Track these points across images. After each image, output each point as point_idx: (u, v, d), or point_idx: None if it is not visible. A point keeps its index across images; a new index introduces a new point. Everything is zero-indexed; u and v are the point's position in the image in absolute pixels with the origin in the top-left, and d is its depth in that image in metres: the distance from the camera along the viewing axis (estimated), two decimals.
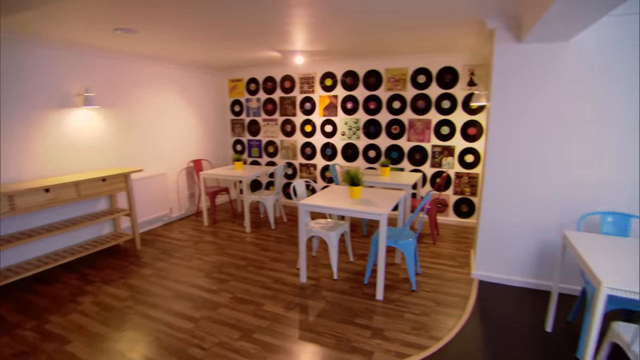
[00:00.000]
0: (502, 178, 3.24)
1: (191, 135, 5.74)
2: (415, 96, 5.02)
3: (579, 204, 3.04)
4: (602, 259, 2.00)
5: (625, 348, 1.80)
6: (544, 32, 2.61)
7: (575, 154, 2.99)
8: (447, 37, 3.76)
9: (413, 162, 5.21)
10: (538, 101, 3.02)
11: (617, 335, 1.89)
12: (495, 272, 3.44)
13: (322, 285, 3.36)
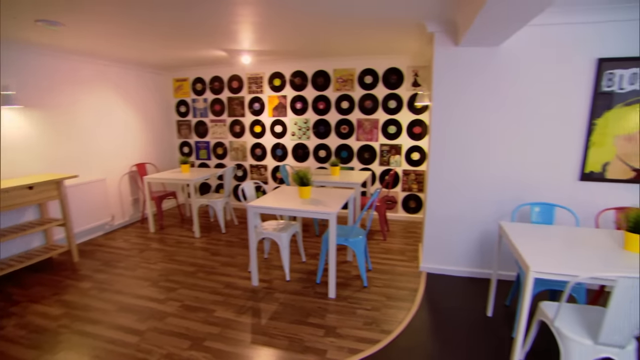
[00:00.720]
0: (444, 174, 3.42)
1: (133, 137, 5.43)
2: (363, 96, 5.13)
3: (513, 197, 3.29)
4: (531, 245, 2.17)
5: (550, 324, 1.97)
6: (476, 38, 2.79)
7: (509, 150, 3.23)
8: (392, 39, 3.89)
9: (362, 161, 5.33)
10: (474, 101, 3.22)
11: (543, 313, 2.07)
12: (442, 264, 3.62)
13: (275, 287, 3.33)
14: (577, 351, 1.82)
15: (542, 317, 2.09)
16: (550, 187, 3.21)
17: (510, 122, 3.18)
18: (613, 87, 2.96)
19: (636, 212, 2.04)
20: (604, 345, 1.77)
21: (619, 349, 1.77)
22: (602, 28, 2.89)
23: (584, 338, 1.81)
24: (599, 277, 1.65)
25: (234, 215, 5.44)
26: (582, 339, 1.80)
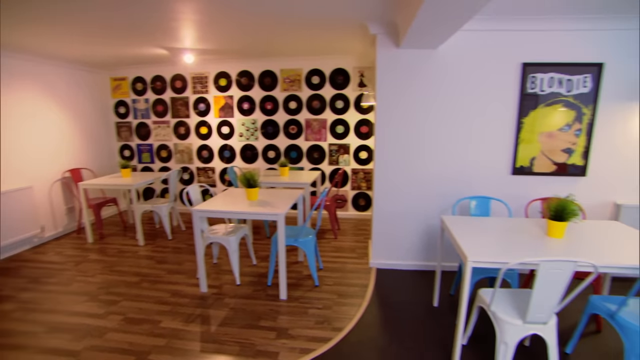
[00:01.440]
0: (389, 173, 3.54)
1: (65, 141, 5.00)
2: (311, 96, 5.17)
3: (454, 192, 3.49)
4: (469, 237, 2.31)
5: (487, 309, 2.11)
6: (415, 40, 2.92)
7: (448, 149, 3.41)
8: (337, 40, 3.95)
9: (312, 160, 5.36)
10: (415, 102, 3.37)
11: (481, 299, 2.21)
12: (390, 259, 3.74)
13: (225, 292, 3.25)
14: (510, 331, 1.97)
15: (481, 303, 2.23)
16: (486, 182, 3.45)
17: (448, 121, 3.37)
18: (536, 89, 3.24)
19: (556, 202, 2.25)
20: (531, 324, 1.94)
21: (542, 325, 1.94)
22: (525, 36, 3.16)
23: (515, 318, 1.96)
24: (526, 262, 1.80)
25: (181, 221, 5.22)
26: (514, 320, 1.95)
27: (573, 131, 3.31)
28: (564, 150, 3.35)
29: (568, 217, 2.21)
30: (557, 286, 1.79)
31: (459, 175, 3.46)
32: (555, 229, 2.27)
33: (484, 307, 2.17)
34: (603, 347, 2.50)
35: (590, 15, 2.99)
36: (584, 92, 3.23)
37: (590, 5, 2.73)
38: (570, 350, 2.45)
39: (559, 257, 1.71)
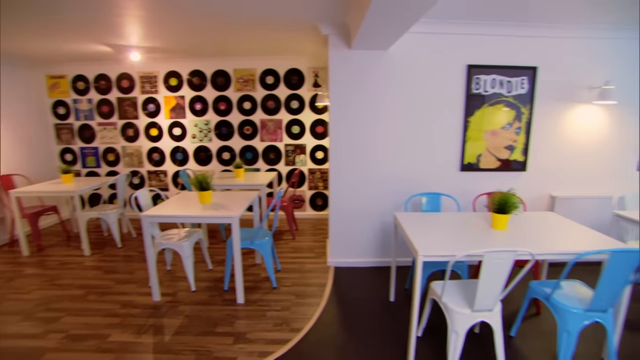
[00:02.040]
0: (344, 172, 3.58)
1: None
2: (265, 97, 5.11)
3: (407, 189, 3.60)
4: (420, 232, 2.39)
5: (438, 300, 2.20)
6: (366, 41, 2.97)
7: (400, 147, 3.52)
8: (290, 40, 3.94)
9: (268, 161, 5.31)
10: (367, 102, 3.43)
11: (434, 292, 2.30)
12: (348, 257, 3.78)
13: (179, 299, 3.12)
14: (460, 320, 2.06)
15: (433, 295, 2.32)
16: (437, 179, 3.59)
17: (399, 121, 3.47)
18: (480, 89, 3.43)
19: (499, 196, 2.39)
20: (478, 312, 2.04)
21: (488, 312, 2.05)
22: (470, 39, 3.34)
23: (464, 308, 2.06)
24: (471, 254, 1.89)
25: (132, 227, 4.96)
26: (463, 309, 2.05)
27: (514, 129, 3.54)
28: (507, 147, 3.57)
29: (510, 209, 2.36)
30: (500, 275, 1.90)
31: (411, 173, 3.58)
32: (499, 221, 2.42)
33: (436, 299, 2.26)
34: (542, 327, 2.70)
35: (525, 22, 3.22)
36: (522, 93, 3.47)
37: (526, 13, 2.93)
38: (514, 333, 2.62)
39: (502, 248, 1.82)
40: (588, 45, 3.46)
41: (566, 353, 2.12)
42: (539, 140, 3.60)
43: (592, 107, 3.62)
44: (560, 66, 3.47)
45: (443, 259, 2.02)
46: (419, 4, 1.97)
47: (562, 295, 2.22)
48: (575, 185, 3.77)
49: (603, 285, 1.96)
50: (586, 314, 2.08)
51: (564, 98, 3.54)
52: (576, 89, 3.54)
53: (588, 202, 3.72)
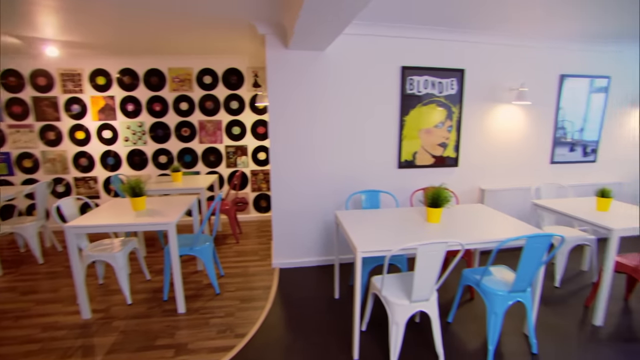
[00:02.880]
0: (285, 173, 3.56)
1: None
2: (203, 97, 4.93)
3: (347, 187, 3.68)
4: (359, 229, 2.45)
5: (379, 294, 2.27)
6: (302, 41, 2.98)
7: (340, 147, 3.58)
8: (227, 39, 3.83)
9: (208, 164, 5.12)
10: (306, 102, 3.45)
11: (374, 286, 2.37)
12: (292, 258, 3.77)
13: (113, 315, 2.90)
14: (399, 311, 2.14)
15: (374, 289, 2.39)
16: (376, 176, 3.71)
17: (338, 121, 3.53)
18: (414, 90, 3.60)
19: (432, 191, 2.53)
20: (416, 302, 2.14)
21: (425, 302, 2.16)
22: (403, 42, 3.49)
23: (403, 299, 2.14)
24: (406, 248, 1.98)
25: (56, 241, 4.50)
26: (402, 301, 2.14)
27: (446, 127, 3.76)
28: (440, 144, 3.79)
29: (442, 203, 2.50)
30: (434, 266, 2.01)
31: (351, 172, 3.66)
32: (433, 215, 2.55)
33: (377, 293, 2.33)
34: (476, 312, 2.90)
35: (454, 28, 3.43)
36: (452, 93, 3.70)
37: (453, 19, 3.12)
38: (451, 319, 2.79)
39: (434, 240, 1.92)
40: (507, 51, 3.79)
41: (494, 332, 2.30)
42: (468, 137, 3.87)
43: (512, 106, 3.97)
44: (484, 69, 3.76)
45: (380, 254, 2.08)
46: (351, 4, 2.01)
47: (490, 280, 2.41)
48: (500, 178, 4.11)
49: (522, 267, 2.16)
50: (509, 295, 2.27)
51: (488, 98, 3.85)
52: (498, 90, 3.86)
53: (511, 194, 4.07)
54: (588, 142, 4.37)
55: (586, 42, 3.95)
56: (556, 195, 3.99)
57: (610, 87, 4.30)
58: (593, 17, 3.08)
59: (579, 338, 2.61)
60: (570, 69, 4.07)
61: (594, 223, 2.72)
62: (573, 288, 3.34)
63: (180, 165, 4.39)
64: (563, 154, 4.30)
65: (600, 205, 3.04)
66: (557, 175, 4.34)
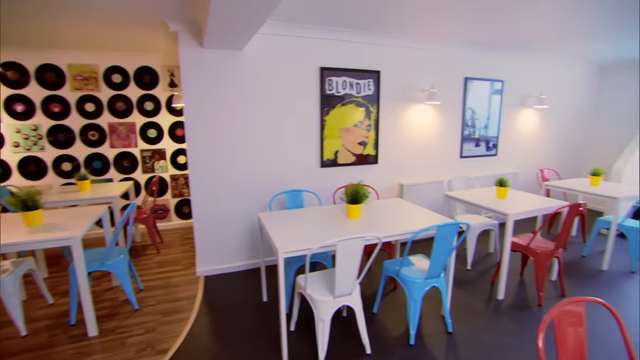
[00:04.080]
0: (205, 176, 3.41)
1: None
2: (113, 97, 4.51)
3: (271, 188, 3.64)
4: (282, 229, 2.44)
5: (304, 292, 2.28)
6: (218, 40, 2.88)
7: (263, 147, 3.53)
8: (137, 35, 3.55)
9: (122, 170, 4.71)
10: (225, 103, 3.34)
11: (299, 285, 2.38)
12: (218, 264, 3.63)
13: (2, 350, 2.51)
14: (324, 308, 2.18)
15: (299, 289, 2.39)
16: (299, 176, 3.73)
17: (259, 122, 3.48)
18: (333, 90, 3.69)
19: (352, 188, 2.61)
20: (339, 297, 2.19)
21: (349, 296, 2.23)
22: (322, 43, 3.55)
23: (327, 296, 2.18)
24: (325, 245, 2.01)
25: None
26: (326, 297, 2.17)
27: (365, 127, 3.92)
28: (360, 143, 3.93)
29: (361, 199, 2.60)
30: (353, 260, 2.07)
31: (274, 173, 3.64)
32: (353, 211, 2.64)
33: (302, 291, 2.34)
34: (398, 300, 3.07)
35: (370, 31, 3.58)
36: (369, 93, 3.86)
37: (368, 23, 3.25)
38: (376, 310, 2.91)
39: (353, 235, 1.98)
40: (418, 54, 4.07)
41: (414, 317, 2.45)
42: (386, 135, 4.08)
43: (424, 106, 4.27)
44: (398, 71, 3.99)
45: (301, 253, 2.09)
46: (261, 3, 1.98)
47: (408, 269, 2.56)
48: (417, 173, 4.40)
49: (435, 255, 2.32)
50: (425, 282, 2.43)
51: (402, 98, 4.09)
52: (411, 91, 4.13)
53: (427, 187, 4.38)
54: (490, 138, 4.88)
55: (484, 49, 4.41)
56: (465, 187, 4.39)
57: (504, 89, 4.85)
58: (485, 27, 3.42)
59: (486, 312, 2.90)
60: (472, 72, 4.50)
61: (494, 210, 3.04)
62: (482, 269, 3.70)
63: (88, 173, 3.96)
64: (470, 149, 4.75)
65: (499, 194, 3.41)
66: (466, 168, 4.78)
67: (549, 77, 5.26)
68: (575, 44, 4.21)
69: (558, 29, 3.50)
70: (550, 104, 5.35)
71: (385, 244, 3.21)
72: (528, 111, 5.19)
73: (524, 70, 4.98)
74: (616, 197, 3.58)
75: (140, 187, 4.81)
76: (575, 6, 2.79)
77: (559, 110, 5.51)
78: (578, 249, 4.28)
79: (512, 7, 2.84)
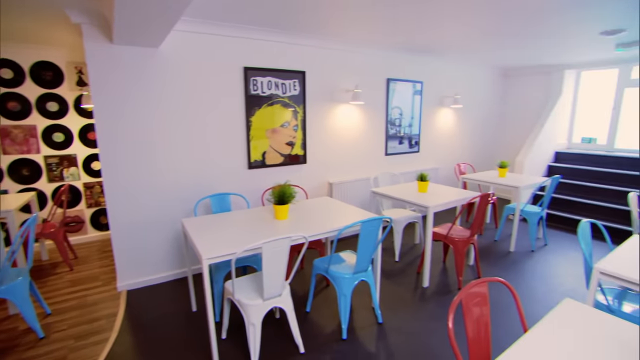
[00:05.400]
0: (122, 182, 3.14)
1: None
2: (3, 96, 3.95)
3: (197, 192, 3.47)
4: (206, 235, 2.33)
5: (232, 298, 2.21)
6: (128, 36, 2.66)
7: (185, 150, 3.35)
8: (30, 24, 3.14)
9: (21, 180, 4.13)
10: (142, 104, 3.10)
11: (227, 291, 2.29)
12: (141, 276, 3.37)
13: None
14: (253, 312, 2.12)
15: (228, 294, 2.31)
16: (226, 179, 3.61)
17: (182, 124, 3.30)
18: (258, 91, 3.63)
19: (278, 189, 2.58)
20: (269, 299, 2.16)
21: (279, 297, 2.20)
22: (245, 42, 3.47)
23: (256, 299, 2.13)
24: (249, 248, 1.96)
25: None
26: (255, 301, 2.12)
27: (292, 127, 3.91)
28: (288, 143, 3.92)
29: (288, 199, 2.58)
30: (280, 261, 2.05)
31: (200, 176, 3.47)
32: (280, 212, 2.62)
33: (231, 298, 2.26)
34: (331, 297, 3.11)
35: (294, 31, 3.57)
36: (295, 94, 3.87)
37: (290, 23, 3.24)
38: (309, 309, 2.92)
39: (280, 236, 1.96)
40: (342, 56, 4.17)
41: (345, 312, 2.50)
42: (314, 135, 4.12)
43: (350, 106, 4.39)
44: (323, 71, 4.05)
45: (226, 258, 2.02)
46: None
47: (338, 265, 2.60)
48: (345, 171, 4.51)
49: (361, 249, 2.39)
50: (354, 276, 2.50)
51: (328, 99, 4.16)
52: (336, 91, 4.22)
53: (355, 185, 4.52)
54: (413, 136, 5.18)
55: (405, 52, 4.66)
56: (390, 182, 4.60)
57: (424, 90, 5.18)
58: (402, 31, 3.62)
59: (413, 301, 3.06)
60: (394, 73, 4.74)
61: (416, 203, 3.22)
62: (409, 260, 3.91)
63: None
64: (394, 146, 4.99)
65: (420, 188, 3.63)
66: (391, 165, 5.01)
67: (463, 79, 5.73)
68: (483, 52, 4.64)
69: (468, 37, 3.82)
70: (464, 103, 5.84)
71: (315, 243, 3.23)
72: (446, 110, 5.61)
73: (441, 72, 5.37)
74: (518, 187, 4.01)
75: (46, 198, 4.28)
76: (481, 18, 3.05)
77: (472, 110, 6.04)
78: (491, 234, 4.72)
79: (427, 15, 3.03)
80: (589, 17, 3.05)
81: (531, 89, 6.24)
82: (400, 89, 4.87)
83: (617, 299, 2.17)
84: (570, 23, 3.24)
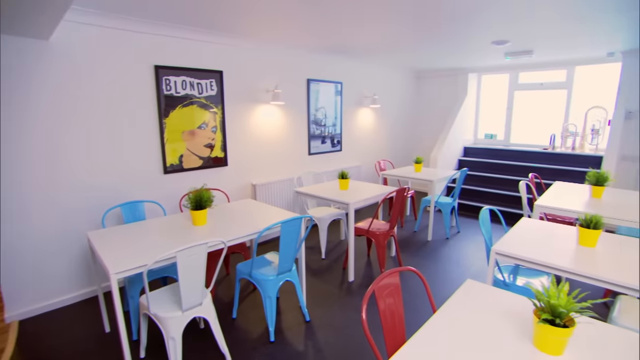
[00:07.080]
0: (16, 192, 2.74)
1: None
2: None
3: (105, 202, 3.16)
4: (115, 248, 2.14)
5: (149, 312, 2.05)
6: (6, 23, 2.32)
7: (89, 156, 3.02)
8: None
9: None
10: (34, 104, 2.74)
11: (142, 306, 2.14)
12: (40, 302, 2.96)
13: None
14: (173, 325, 2.00)
15: (143, 309, 2.15)
16: (139, 186, 3.35)
17: (84, 127, 2.97)
18: (172, 91, 3.43)
19: (195, 193, 2.47)
20: (188, 310, 2.05)
21: (199, 307, 2.11)
22: (157, 39, 3.25)
23: (175, 311, 2.01)
24: (162, 258, 1.84)
25: None
26: (174, 313, 2.00)
27: (210, 128, 3.77)
28: (206, 145, 3.77)
29: (206, 204, 2.49)
30: (198, 269, 1.96)
31: (110, 184, 3.17)
32: (198, 217, 2.51)
33: (147, 312, 2.10)
34: (257, 301, 3.07)
35: (208, 29, 3.43)
36: (212, 94, 3.73)
37: (202, 20, 3.10)
38: (235, 315, 2.84)
39: (196, 243, 1.87)
40: (261, 56, 4.12)
41: (271, 315, 2.48)
42: (234, 136, 4.02)
43: (271, 106, 4.37)
44: (242, 71, 3.97)
45: (137, 270, 1.87)
46: None
47: (262, 268, 2.57)
48: (269, 172, 4.47)
49: (283, 250, 2.39)
50: (277, 278, 2.49)
51: (248, 99, 4.09)
52: (256, 92, 4.17)
53: (279, 185, 4.51)
54: (335, 135, 5.33)
55: (323, 53, 4.76)
56: (314, 182, 4.68)
57: (344, 90, 5.36)
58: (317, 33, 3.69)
59: (339, 296, 3.14)
60: (314, 74, 4.82)
61: (337, 200, 3.31)
62: (335, 256, 4.01)
63: None
64: (317, 146, 5.09)
65: (341, 186, 3.75)
66: (314, 164, 5.10)
67: (380, 80, 6.05)
68: (398, 54, 4.93)
69: (382, 42, 4.02)
70: (382, 103, 6.17)
71: (239, 247, 3.16)
72: (365, 110, 5.86)
73: (360, 73, 5.60)
74: (432, 180, 4.35)
75: None
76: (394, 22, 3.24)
77: (389, 109, 6.41)
78: (411, 226, 5.06)
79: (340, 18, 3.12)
80: (479, 26, 3.41)
81: (441, 90, 6.81)
82: (323, 90, 4.98)
83: (512, 274, 2.47)
84: (463, 31, 3.60)
